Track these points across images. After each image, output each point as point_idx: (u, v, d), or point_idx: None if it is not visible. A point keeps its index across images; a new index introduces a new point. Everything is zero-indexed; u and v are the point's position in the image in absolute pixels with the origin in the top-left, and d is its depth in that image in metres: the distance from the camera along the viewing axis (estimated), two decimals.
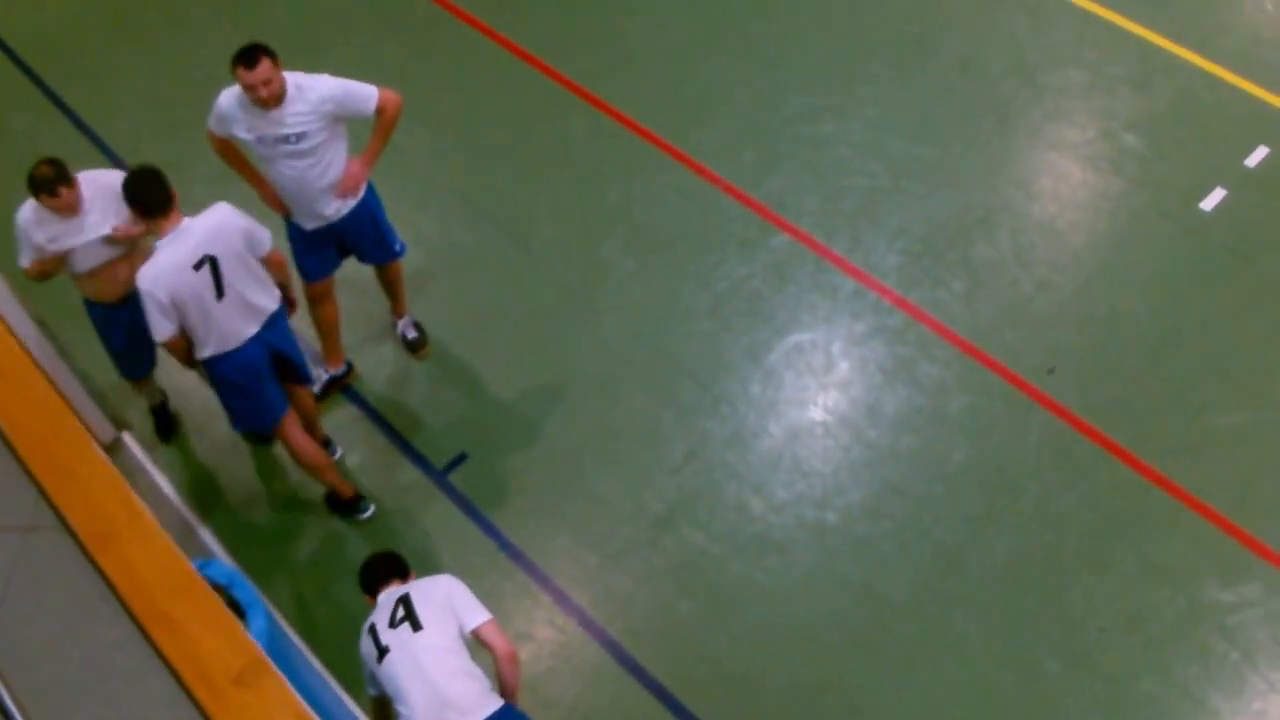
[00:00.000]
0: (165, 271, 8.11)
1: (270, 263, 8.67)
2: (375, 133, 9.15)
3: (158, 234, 8.24)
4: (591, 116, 12.01)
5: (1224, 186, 10.81)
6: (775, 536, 9.23)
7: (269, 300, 8.67)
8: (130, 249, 8.87)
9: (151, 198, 8.21)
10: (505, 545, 9.27)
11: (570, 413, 10.02)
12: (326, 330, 9.99)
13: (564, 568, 9.19)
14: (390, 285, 10.15)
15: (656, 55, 12.62)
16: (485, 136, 12.04)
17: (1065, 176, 11.12)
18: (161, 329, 8.25)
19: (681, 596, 9.00)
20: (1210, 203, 10.73)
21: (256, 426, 9.25)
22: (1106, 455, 9.41)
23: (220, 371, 8.70)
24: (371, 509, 9.59)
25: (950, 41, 12.35)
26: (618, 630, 8.86)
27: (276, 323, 8.75)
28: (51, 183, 8.43)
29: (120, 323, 9.13)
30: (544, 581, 9.04)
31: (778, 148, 11.58)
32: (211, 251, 8.22)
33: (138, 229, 8.66)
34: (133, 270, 8.36)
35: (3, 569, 6.58)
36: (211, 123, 9.07)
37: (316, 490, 9.61)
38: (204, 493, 9.90)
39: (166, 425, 10.19)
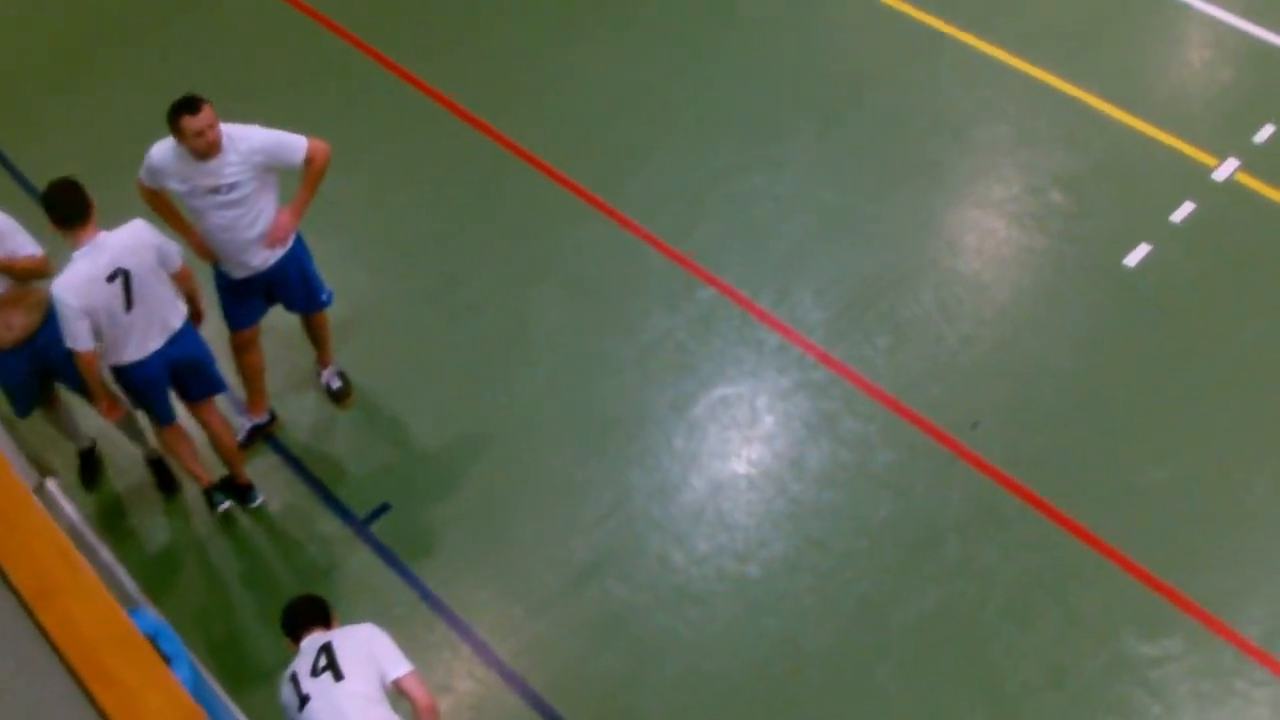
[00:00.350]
0: (80, 281, 8.25)
1: (180, 276, 8.82)
2: (304, 182, 9.17)
3: (75, 244, 8.34)
4: (520, 169, 12.00)
5: (1149, 242, 10.83)
6: (696, 588, 9.18)
7: (176, 317, 8.81)
8: (20, 292, 8.84)
9: (69, 208, 8.34)
10: (427, 596, 9.20)
11: (495, 463, 9.97)
12: (251, 378, 9.94)
13: (486, 618, 9.12)
14: (316, 334, 10.11)
15: (585, 109, 12.64)
16: (414, 187, 12.03)
17: (991, 232, 11.16)
18: (81, 339, 8.37)
19: (603, 648, 8.94)
20: (1135, 258, 10.75)
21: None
22: (1029, 509, 9.39)
23: (124, 379, 8.96)
24: (261, 499, 9.76)
25: (876, 96, 12.39)
26: (539, 682, 8.77)
27: (181, 338, 8.88)
28: None
29: (16, 368, 9.14)
30: (465, 632, 8.96)
31: (704, 201, 11.59)
32: (125, 265, 8.39)
33: (19, 259, 8.72)
34: (26, 316, 8.46)
35: None
36: (142, 174, 9.11)
37: (235, 535, 9.54)
38: (126, 539, 9.79)
39: (91, 470, 10.11)
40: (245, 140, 8.80)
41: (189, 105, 8.55)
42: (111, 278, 8.34)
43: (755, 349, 10.47)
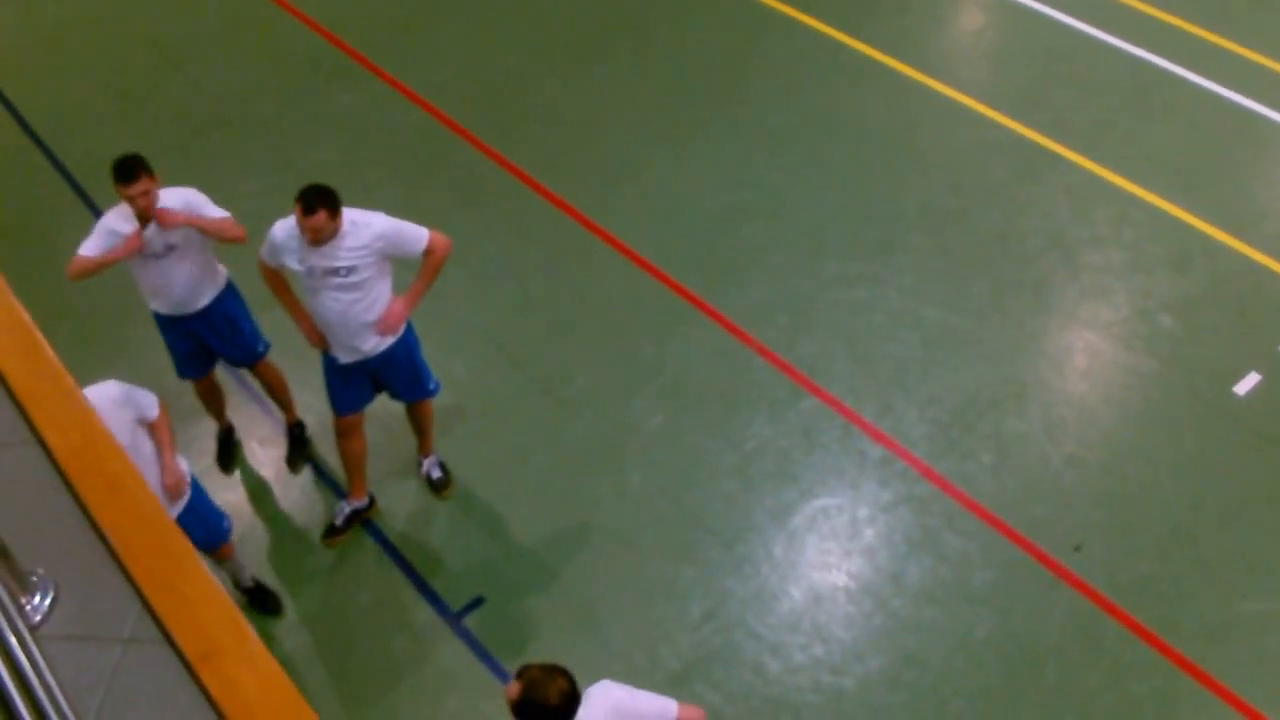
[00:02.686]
0: None
1: (156, 426, 8.54)
2: (421, 273, 9.22)
3: None
4: (630, 272, 12.07)
5: (1258, 371, 10.77)
6: (790, 700, 9.08)
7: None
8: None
9: None
10: None
11: (590, 563, 9.93)
12: (353, 463, 9.98)
13: None
14: (419, 423, 10.16)
15: (697, 214, 12.72)
16: (523, 283, 12.11)
17: (1099, 354, 11.10)
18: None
19: None
20: (1244, 387, 10.69)
21: None
22: (1131, 636, 9.27)
23: None
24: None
25: (989, 215, 12.41)
26: None
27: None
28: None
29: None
30: None
31: (812, 312, 11.61)
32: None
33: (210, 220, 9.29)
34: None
35: (103, 677, 6.65)
36: (264, 252, 9.23)
37: (329, 616, 9.53)
38: None
39: (228, 453, 10.75)
40: (369, 226, 8.86)
41: (308, 198, 8.64)
42: None
43: (858, 461, 10.43)
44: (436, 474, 10.38)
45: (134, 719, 6.69)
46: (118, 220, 9.16)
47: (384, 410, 10.16)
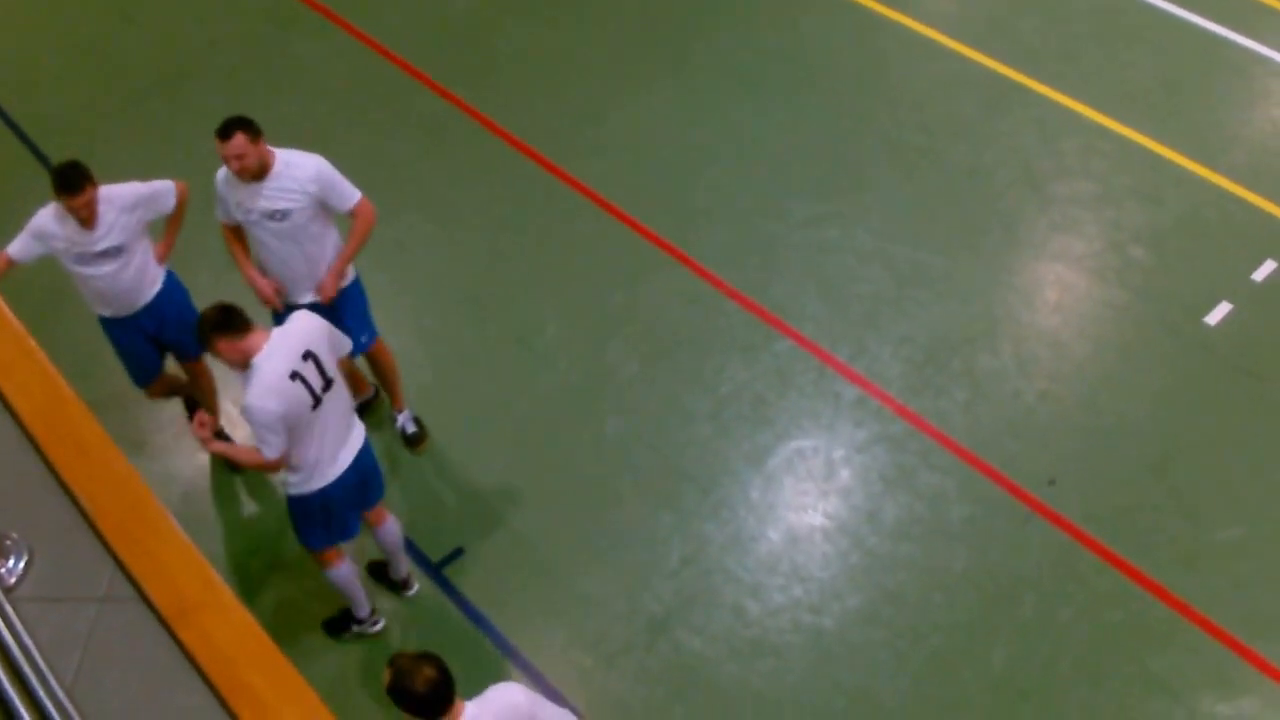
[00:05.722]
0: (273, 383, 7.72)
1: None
2: (350, 237, 9.21)
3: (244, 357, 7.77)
4: (598, 218, 12.07)
5: (1230, 301, 10.81)
6: (771, 641, 9.15)
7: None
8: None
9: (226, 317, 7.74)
10: (499, 642, 9.19)
11: (568, 512, 9.97)
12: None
13: (558, 668, 9.09)
14: (382, 378, 10.19)
15: (663, 157, 12.71)
16: (491, 233, 12.10)
17: (1070, 287, 11.13)
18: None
19: (676, 700, 8.91)
20: (1216, 317, 10.73)
21: None
22: (1106, 566, 9.34)
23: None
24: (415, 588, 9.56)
25: (957, 150, 12.42)
26: None
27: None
28: None
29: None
30: (537, 679, 8.95)
31: (783, 253, 11.63)
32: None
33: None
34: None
35: (80, 636, 6.74)
36: (217, 211, 9.25)
37: (309, 574, 9.57)
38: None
39: None
40: (302, 167, 8.88)
41: (223, 126, 8.67)
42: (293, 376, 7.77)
43: (832, 401, 10.47)
44: (411, 429, 10.39)
45: (113, 676, 6.80)
46: (49, 221, 8.93)
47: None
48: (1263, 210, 11.48)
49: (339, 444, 8.15)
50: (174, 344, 9.68)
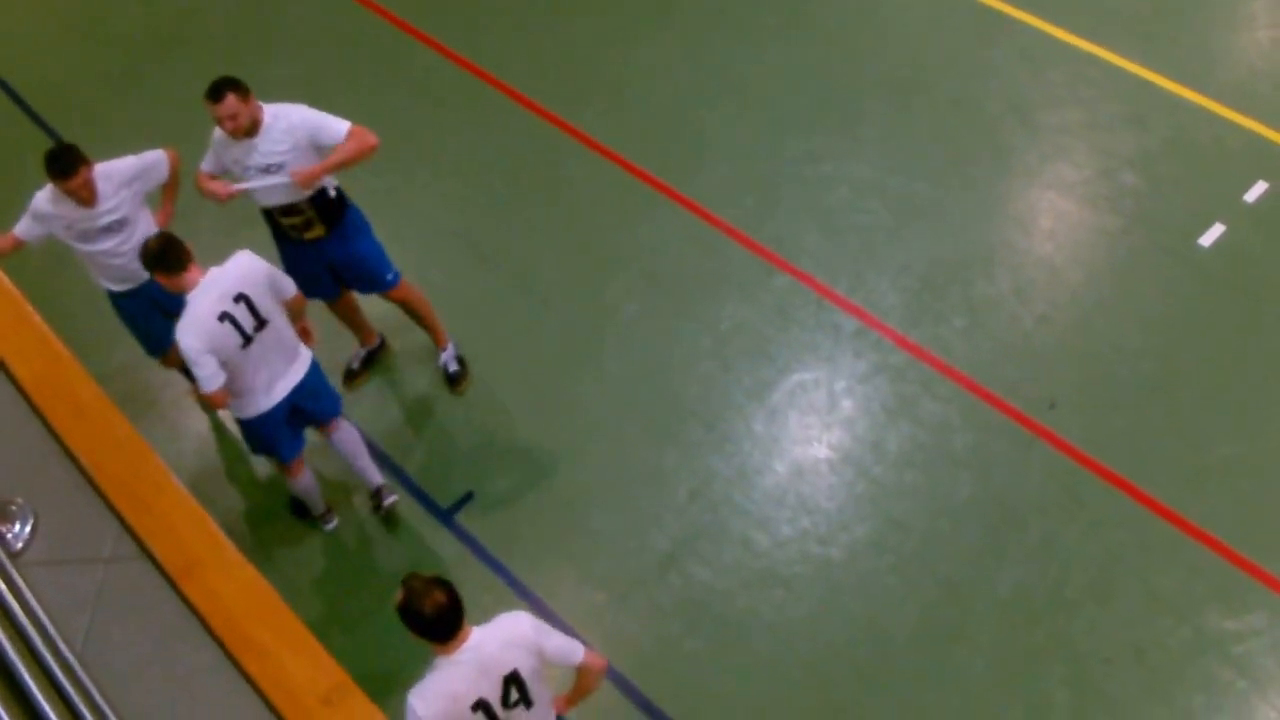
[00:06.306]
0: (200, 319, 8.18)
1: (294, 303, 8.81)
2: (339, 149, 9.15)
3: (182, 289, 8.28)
4: (593, 162, 12.11)
5: (1223, 222, 10.88)
6: (780, 572, 9.26)
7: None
8: None
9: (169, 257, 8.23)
10: (513, 583, 9.29)
11: (575, 452, 10.07)
12: (348, 323, 10.41)
13: (571, 606, 9.21)
14: (418, 319, 10.36)
15: (656, 100, 12.73)
16: (489, 181, 12.14)
17: (1063, 214, 11.20)
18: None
19: (689, 633, 9.03)
20: (1209, 238, 10.80)
21: None
22: (1109, 488, 9.44)
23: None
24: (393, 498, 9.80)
25: (945, 82, 12.46)
26: (627, 667, 8.86)
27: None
28: None
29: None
30: (551, 619, 9.04)
31: (778, 189, 11.68)
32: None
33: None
34: None
35: (88, 597, 6.81)
36: (204, 165, 9.33)
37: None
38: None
39: None
40: (287, 116, 8.98)
41: (213, 88, 8.78)
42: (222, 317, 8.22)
43: (832, 334, 10.55)
44: (453, 367, 10.51)
45: (122, 636, 6.84)
46: (46, 203, 9.03)
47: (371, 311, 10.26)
48: (1252, 131, 11.53)
49: (274, 378, 8.64)
50: (180, 310, 9.74)
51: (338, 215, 9.46)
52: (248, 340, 8.30)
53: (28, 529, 7.31)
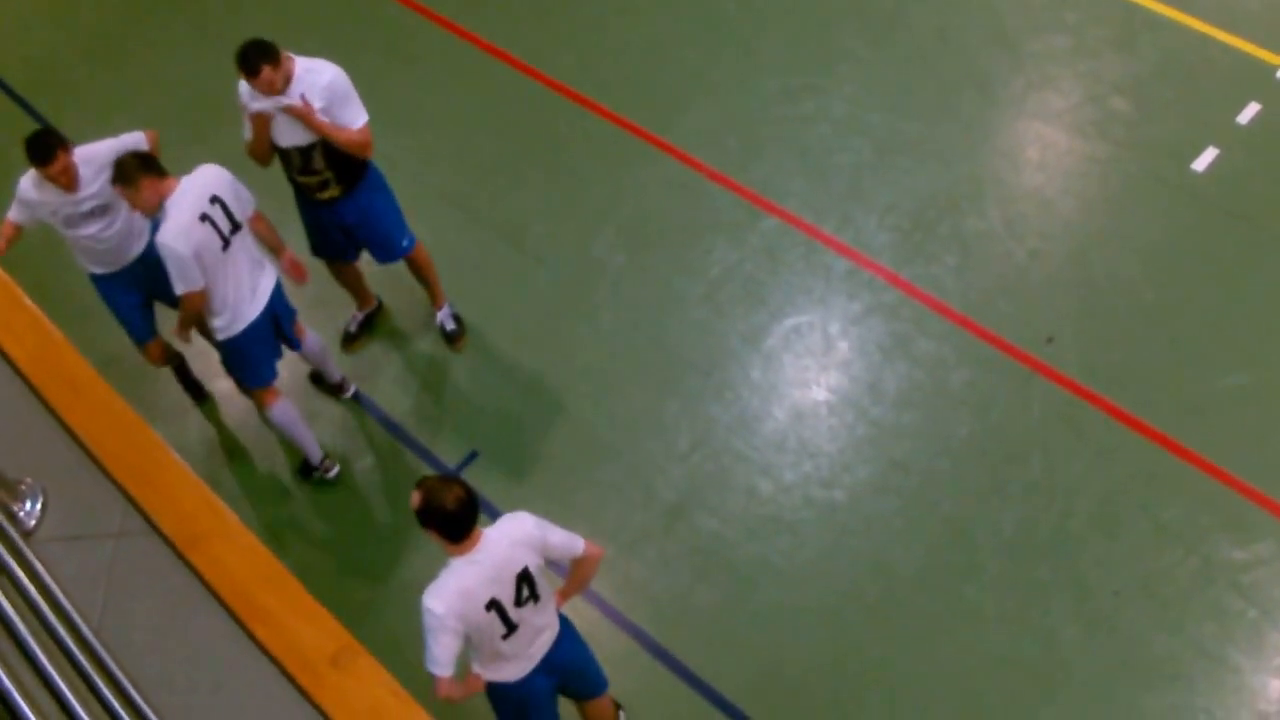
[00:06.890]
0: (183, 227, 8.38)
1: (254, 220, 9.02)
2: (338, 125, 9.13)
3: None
4: (573, 113, 12.01)
5: (1216, 145, 10.81)
6: (786, 517, 9.25)
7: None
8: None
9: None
10: None
11: (574, 406, 10.03)
12: (349, 288, 10.44)
13: None
14: (422, 277, 10.32)
15: (632, 47, 12.63)
16: (469, 138, 12.04)
17: (1052, 144, 11.13)
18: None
19: (698, 581, 9.03)
20: (1203, 163, 10.73)
21: None
22: (1110, 420, 9.42)
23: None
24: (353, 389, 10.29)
25: (925, 12, 12.35)
26: (640, 617, 8.88)
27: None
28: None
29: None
30: (563, 574, 9.02)
31: (760, 131, 11.59)
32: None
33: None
34: None
35: (102, 571, 6.86)
36: (244, 132, 9.32)
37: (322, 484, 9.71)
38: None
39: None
40: (320, 74, 8.97)
41: (247, 61, 8.68)
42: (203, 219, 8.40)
43: (824, 275, 10.49)
44: (450, 325, 10.46)
45: (136, 608, 6.92)
46: (29, 189, 8.94)
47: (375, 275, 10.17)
48: (1242, 51, 11.44)
49: (253, 283, 8.88)
50: (164, 293, 9.67)
51: (356, 176, 9.40)
52: (226, 243, 8.53)
53: (39, 507, 7.35)
